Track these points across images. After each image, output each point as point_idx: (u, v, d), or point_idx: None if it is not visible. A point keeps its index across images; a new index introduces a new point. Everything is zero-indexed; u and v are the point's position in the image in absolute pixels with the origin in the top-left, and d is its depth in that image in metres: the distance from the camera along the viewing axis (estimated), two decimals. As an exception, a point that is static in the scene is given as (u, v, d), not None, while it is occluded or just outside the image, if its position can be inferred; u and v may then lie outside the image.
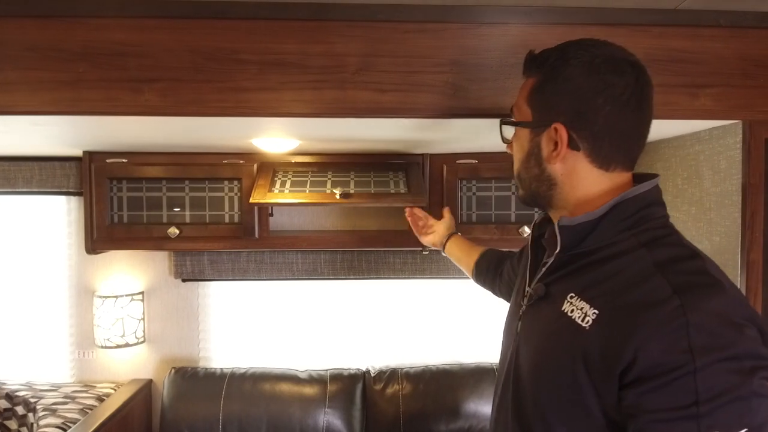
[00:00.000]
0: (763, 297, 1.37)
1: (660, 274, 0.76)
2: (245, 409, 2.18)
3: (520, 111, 0.95)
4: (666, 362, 0.70)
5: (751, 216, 1.37)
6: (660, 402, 0.71)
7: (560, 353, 0.83)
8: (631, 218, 0.85)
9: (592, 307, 0.81)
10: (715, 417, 0.68)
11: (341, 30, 1.23)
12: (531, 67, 0.93)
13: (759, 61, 1.29)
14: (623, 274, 0.80)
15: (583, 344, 0.79)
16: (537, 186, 0.93)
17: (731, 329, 0.71)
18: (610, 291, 0.80)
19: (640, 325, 0.73)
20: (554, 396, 0.84)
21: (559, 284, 0.90)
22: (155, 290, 2.45)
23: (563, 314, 0.85)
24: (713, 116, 1.31)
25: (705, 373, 0.68)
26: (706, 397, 0.68)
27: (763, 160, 1.37)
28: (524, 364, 0.93)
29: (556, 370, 0.83)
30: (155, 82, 1.22)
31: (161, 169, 2.03)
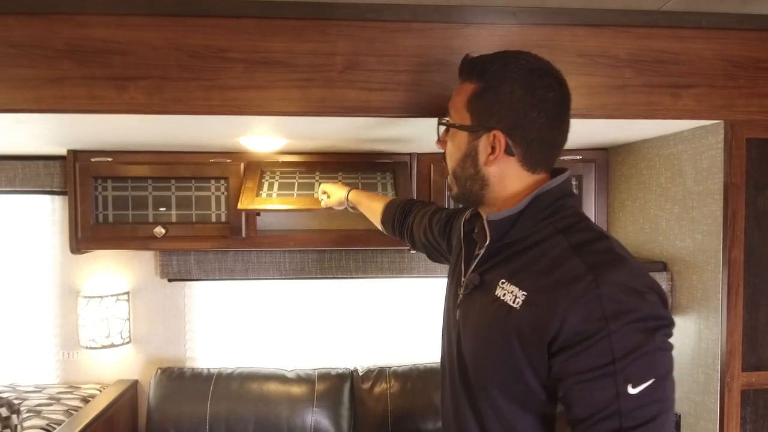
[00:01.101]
0: (744, 294, 1.40)
1: (576, 255, 0.87)
2: (232, 409, 2.17)
3: (458, 113, 1.00)
4: (585, 330, 0.81)
5: (732, 214, 1.39)
6: (582, 364, 0.81)
7: (497, 333, 0.93)
8: (548, 209, 0.96)
9: (521, 290, 0.91)
10: (628, 371, 0.79)
11: (328, 29, 1.23)
12: (470, 73, 0.99)
13: (739, 62, 1.31)
14: (545, 258, 0.91)
15: (516, 323, 0.89)
16: (471, 185, 1.00)
17: (636, 296, 0.82)
18: (535, 274, 0.91)
19: (562, 299, 0.83)
20: (496, 373, 0.94)
21: (491, 272, 0.99)
22: (141, 290, 2.43)
23: (497, 298, 0.95)
24: (696, 116, 1.33)
25: (618, 335, 0.80)
26: (620, 355, 0.79)
27: (744, 160, 1.39)
28: (467, 348, 1.01)
29: (495, 349, 0.93)
30: (140, 80, 1.21)
31: (147, 168, 2.02)
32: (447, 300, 1.16)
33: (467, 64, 1.00)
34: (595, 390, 0.81)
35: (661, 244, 1.67)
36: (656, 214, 1.70)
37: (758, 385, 1.40)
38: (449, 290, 1.16)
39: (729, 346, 1.39)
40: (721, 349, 1.40)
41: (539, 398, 0.90)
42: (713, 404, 1.43)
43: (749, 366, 1.40)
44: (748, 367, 1.40)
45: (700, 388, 1.48)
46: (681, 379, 1.56)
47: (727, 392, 1.40)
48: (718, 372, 1.41)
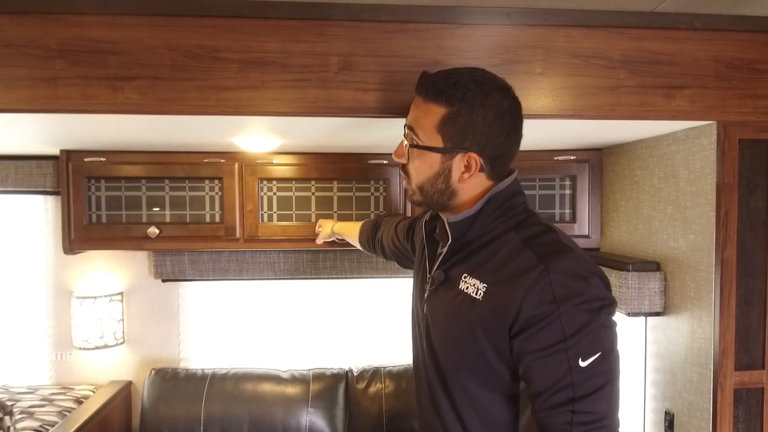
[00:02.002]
0: (737, 293, 1.40)
1: (527, 248, 0.98)
2: (227, 409, 2.17)
3: (426, 135, 1.04)
4: (539, 313, 0.92)
5: (725, 215, 1.40)
6: (538, 343, 0.93)
7: (463, 323, 1.03)
8: (500, 209, 1.05)
9: (482, 282, 1.01)
10: (577, 347, 0.91)
11: (323, 29, 1.22)
12: (437, 96, 1.02)
13: (732, 64, 1.32)
14: (500, 253, 1.01)
15: (479, 312, 1.00)
16: (439, 197, 1.08)
17: (581, 281, 0.94)
18: (492, 267, 1.01)
19: (518, 288, 0.94)
20: (464, 359, 1.04)
21: (454, 268, 1.08)
22: (135, 291, 2.42)
23: (461, 292, 1.04)
24: (689, 117, 1.33)
25: (567, 316, 0.91)
26: (570, 333, 0.91)
27: (736, 160, 1.40)
28: (436, 339, 1.11)
29: (462, 338, 1.03)
30: (134, 80, 1.20)
31: (140, 168, 2.01)
32: (414, 297, 1.25)
33: (430, 85, 1.03)
34: (550, 365, 0.92)
35: (655, 244, 1.68)
36: (650, 215, 1.70)
37: (751, 384, 1.41)
38: (416, 288, 1.24)
39: (722, 346, 1.40)
40: (714, 349, 1.41)
41: (503, 378, 1.01)
42: (706, 403, 1.44)
43: (742, 365, 1.41)
44: (740, 367, 1.41)
45: (693, 388, 1.49)
46: (674, 378, 1.57)
47: (719, 391, 1.40)
48: (711, 371, 1.41)
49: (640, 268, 1.62)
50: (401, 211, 2.11)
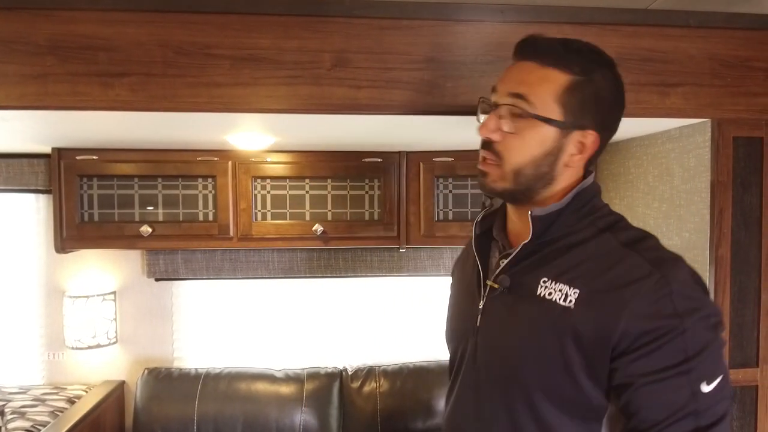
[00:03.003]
0: (731, 292, 1.40)
1: (634, 253, 0.85)
2: (220, 409, 2.16)
3: (543, 105, 0.88)
4: (656, 328, 0.79)
5: (719, 212, 1.40)
6: (654, 365, 0.79)
7: (546, 334, 0.87)
8: (586, 206, 0.92)
9: (573, 288, 0.86)
10: (700, 369, 0.78)
11: (316, 26, 1.21)
12: (558, 60, 0.88)
13: (726, 61, 1.32)
14: (596, 256, 0.87)
15: (571, 322, 0.84)
16: (534, 184, 0.92)
17: (701, 293, 0.83)
18: (588, 272, 0.86)
19: (629, 299, 0.81)
20: (542, 376, 0.88)
21: (528, 272, 0.93)
22: (128, 290, 2.41)
23: (542, 299, 0.89)
24: (683, 115, 1.33)
25: (690, 332, 0.79)
26: (693, 353, 0.78)
27: (731, 158, 1.40)
28: (500, 352, 0.94)
29: (543, 351, 0.87)
30: (125, 76, 1.19)
31: (133, 167, 2.00)
32: (459, 308, 1.10)
33: (548, 49, 0.89)
34: (669, 391, 0.79)
35: (649, 243, 1.68)
36: (644, 213, 1.70)
37: (745, 382, 1.41)
38: (462, 296, 1.09)
39: (716, 344, 1.40)
40: (708, 347, 1.41)
41: (589, 403, 0.86)
42: None
43: (736, 363, 1.41)
44: (735, 365, 1.41)
45: (687, 386, 1.49)
46: (668, 376, 1.57)
47: (713, 389, 1.40)
48: (705, 369, 1.41)
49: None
50: (395, 211, 2.10)
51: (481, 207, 1.08)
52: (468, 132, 1.53)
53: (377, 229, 2.11)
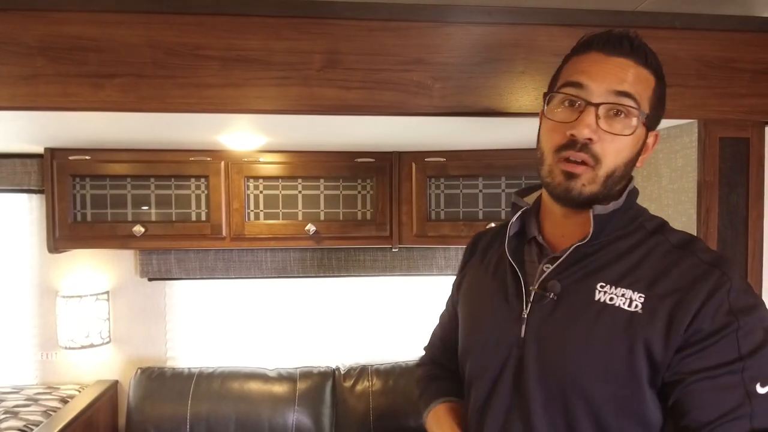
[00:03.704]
0: (717, 291, 1.42)
1: (691, 254, 0.85)
2: (213, 408, 2.16)
3: (643, 104, 0.87)
4: (713, 324, 0.78)
5: (705, 212, 1.41)
6: (706, 362, 0.78)
7: (615, 342, 0.83)
8: (632, 209, 0.92)
9: (636, 292, 0.84)
10: (755, 369, 0.77)
11: (306, 27, 1.22)
12: (647, 62, 0.89)
13: (711, 62, 1.33)
14: (652, 259, 0.86)
15: (642, 328, 0.82)
16: (614, 185, 0.89)
17: (754, 292, 0.82)
18: (646, 276, 0.85)
19: (692, 299, 0.80)
20: (609, 384, 0.83)
21: (580, 277, 0.89)
22: (121, 290, 2.41)
23: (602, 304, 0.85)
24: (669, 115, 1.33)
25: (744, 331, 0.78)
26: (746, 352, 0.77)
27: (717, 159, 1.41)
28: (557, 367, 0.87)
29: (612, 361, 0.83)
30: (116, 77, 1.19)
31: (126, 167, 2.01)
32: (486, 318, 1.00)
33: (639, 47, 0.88)
34: (722, 390, 0.77)
35: (638, 242, 1.69)
36: (633, 212, 1.72)
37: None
38: (493, 307, 0.99)
39: (702, 342, 1.41)
40: (695, 345, 1.42)
41: (650, 415, 0.83)
42: None
43: (722, 361, 1.43)
44: (721, 363, 1.42)
45: (674, 384, 1.50)
46: (657, 374, 1.58)
47: (700, 387, 1.42)
48: (692, 367, 1.43)
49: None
50: (388, 211, 2.11)
51: (512, 207, 1.03)
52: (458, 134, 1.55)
53: (370, 228, 2.11)
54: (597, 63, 0.87)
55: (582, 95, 0.86)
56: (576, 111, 0.87)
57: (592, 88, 0.86)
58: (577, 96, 0.87)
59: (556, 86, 0.92)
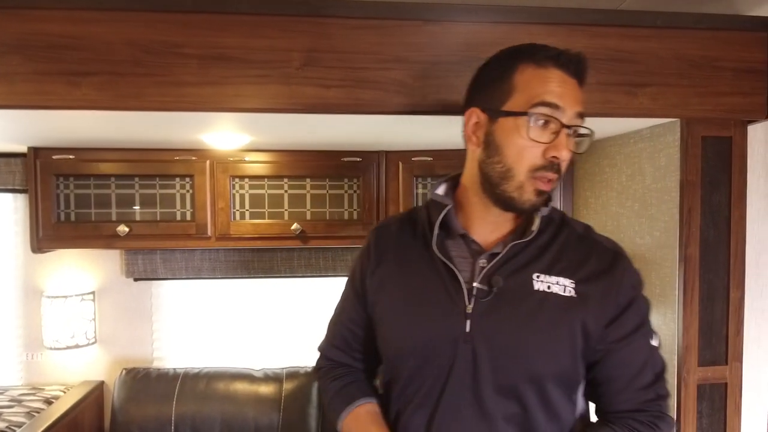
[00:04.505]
0: (700, 290, 1.41)
1: (594, 242, 1.01)
2: (198, 409, 2.15)
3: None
4: (629, 298, 0.96)
5: (688, 212, 1.41)
6: (626, 328, 0.96)
7: (559, 325, 0.94)
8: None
9: (566, 278, 0.95)
10: (648, 328, 0.99)
11: (284, 25, 1.21)
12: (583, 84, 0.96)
13: (693, 61, 1.33)
14: (570, 248, 0.98)
15: (578, 310, 0.94)
16: None
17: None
18: (570, 263, 0.96)
19: (614, 278, 0.96)
20: (555, 365, 0.94)
21: (517, 270, 0.96)
22: (107, 290, 2.39)
23: (542, 293, 0.94)
24: (651, 114, 1.34)
25: (641, 300, 0.99)
26: (645, 316, 0.99)
27: (699, 158, 1.41)
28: (509, 356, 0.93)
29: (558, 342, 0.94)
30: (93, 75, 1.18)
31: (110, 166, 1.99)
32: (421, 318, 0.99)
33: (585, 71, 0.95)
34: (637, 349, 0.97)
35: (622, 242, 1.67)
36: (617, 212, 1.71)
37: (714, 379, 1.42)
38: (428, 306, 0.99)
39: (685, 342, 1.41)
40: (678, 345, 1.42)
41: (580, 375, 0.98)
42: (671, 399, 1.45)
43: (705, 361, 1.42)
44: (704, 362, 1.42)
45: (658, 383, 1.50)
46: (641, 374, 1.58)
47: (683, 387, 1.41)
48: (675, 367, 1.42)
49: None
50: (375, 210, 2.10)
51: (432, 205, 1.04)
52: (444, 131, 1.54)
53: (357, 228, 2.10)
54: (564, 84, 0.91)
55: (557, 116, 0.89)
56: (549, 131, 0.90)
57: (565, 110, 0.90)
58: (553, 117, 0.89)
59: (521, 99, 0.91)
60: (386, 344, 1.06)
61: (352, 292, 1.14)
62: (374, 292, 1.07)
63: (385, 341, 1.07)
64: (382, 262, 1.07)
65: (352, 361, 1.16)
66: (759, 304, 1.47)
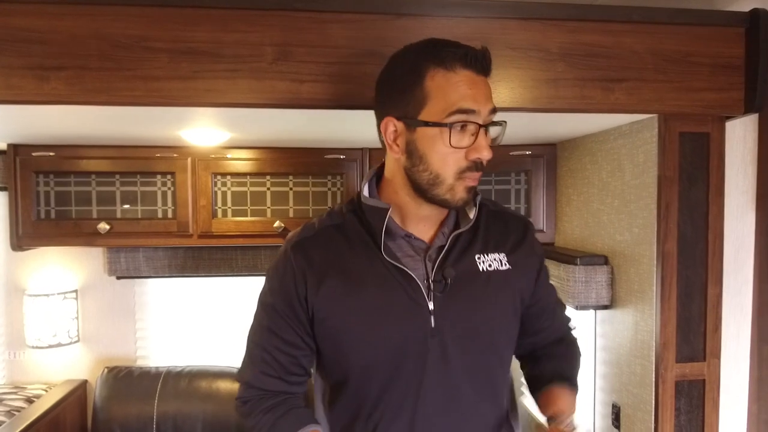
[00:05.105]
0: (678, 286, 1.41)
1: (504, 212, 1.15)
2: (180, 407, 2.14)
3: None
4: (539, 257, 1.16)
5: (666, 207, 1.40)
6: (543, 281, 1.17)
7: (506, 298, 1.07)
8: None
9: (500, 253, 1.06)
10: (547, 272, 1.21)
11: (256, 19, 1.20)
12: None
13: (669, 57, 1.32)
14: (491, 224, 1.09)
15: (516, 280, 1.07)
16: None
17: None
18: (495, 238, 1.08)
19: (531, 245, 1.13)
20: (508, 332, 1.09)
21: (460, 257, 1.03)
22: (90, 288, 2.38)
23: (486, 272, 1.04)
24: (627, 110, 1.33)
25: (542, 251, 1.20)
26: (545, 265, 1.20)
27: (677, 154, 1.40)
28: (474, 338, 1.03)
29: (507, 312, 1.07)
30: (61, 69, 1.17)
31: (90, 163, 1.97)
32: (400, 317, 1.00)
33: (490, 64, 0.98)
34: (552, 293, 1.23)
35: (603, 238, 1.68)
36: (598, 209, 1.71)
37: (692, 376, 1.42)
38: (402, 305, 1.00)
39: (663, 338, 1.40)
40: (656, 341, 1.41)
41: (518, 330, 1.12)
42: (649, 396, 1.44)
43: (683, 357, 1.42)
44: (682, 359, 1.41)
45: (637, 380, 1.50)
46: (620, 370, 1.58)
47: (661, 384, 1.41)
48: (653, 364, 1.42)
49: (587, 262, 1.62)
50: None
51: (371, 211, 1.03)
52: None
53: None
54: (475, 84, 0.94)
55: (472, 119, 0.93)
56: (468, 134, 0.94)
57: (480, 111, 0.93)
58: (469, 121, 0.93)
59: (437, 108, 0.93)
60: (348, 359, 1.03)
61: (284, 316, 1.05)
62: (323, 311, 1.02)
63: (346, 357, 1.03)
64: (325, 278, 1.01)
65: (288, 387, 1.08)
66: (738, 300, 1.46)
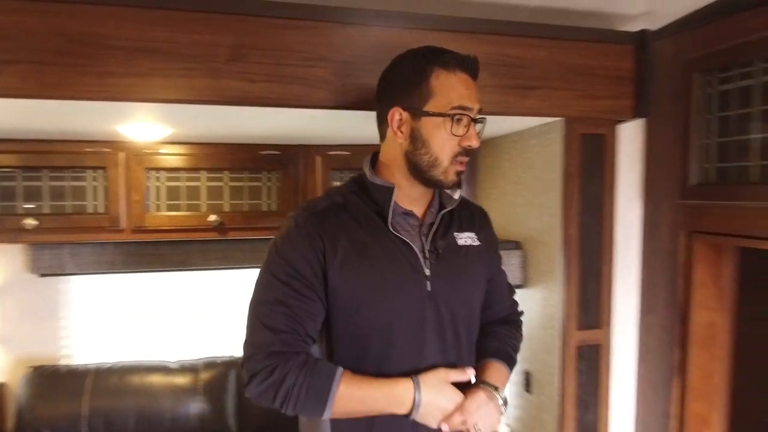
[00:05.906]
0: (579, 266, 1.65)
1: (467, 200, 1.35)
2: (112, 403, 2.12)
3: None
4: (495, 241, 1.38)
5: (569, 200, 1.63)
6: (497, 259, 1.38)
7: (481, 269, 1.27)
8: None
9: (471, 232, 1.27)
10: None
11: (212, 21, 1.28)
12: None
13: (574, 68, 1.55)
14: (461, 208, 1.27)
15: (486, 255, 1.29)
16: None
17: None
18: (468, 220, 1.29)
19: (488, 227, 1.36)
20: (480, 297, 1.29)
21: (445, 232, 1.23)
22: (9, 287, 2.29)
23: (465, 247, 1.24)
24: (539, 114, 1.55)
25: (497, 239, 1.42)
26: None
27: (579, 152, 1.64)
28: (460, 302, 1.22)
29: (480, 281, 1.28)
30: (15, 64, 1.18)
31: (16, 157, 1.92)
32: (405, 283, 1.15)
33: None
34: (502, 273, 1.41)
35: (518, 227, 1.91)
36: (513, 201, 1.93)
37: (591, 341, 1.67)
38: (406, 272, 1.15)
39: (567, 310, 1.64)
40: (561, 313, 1.65)
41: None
42: (555, 361, 1.68)
43: (584, 325, 1.66)
44: (583, 327, 1.66)
45: (545, 348, 1.73)
46: (531, 341, 1.81)
47: (566, 349, 1.64)
48: (560, 332, 1.65)
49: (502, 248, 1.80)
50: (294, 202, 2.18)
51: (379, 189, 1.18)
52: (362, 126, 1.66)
53: (275, 219, 2.17)
54: (469, 86, 1.15)
55: (467, 114, 1.14)
56: (462, 125, 1.13)
57: (473, 108, 1.14)
58: (465, 114, 1.13)
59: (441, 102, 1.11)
60: (359, 324, 1.14)
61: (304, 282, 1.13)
62: (336, 278, 1.12)
63: (355, 321, 1.14)
64: (338, 247, 1.12)
65: (309, 348, 1.15)
66: (628, 279, 1.72)
